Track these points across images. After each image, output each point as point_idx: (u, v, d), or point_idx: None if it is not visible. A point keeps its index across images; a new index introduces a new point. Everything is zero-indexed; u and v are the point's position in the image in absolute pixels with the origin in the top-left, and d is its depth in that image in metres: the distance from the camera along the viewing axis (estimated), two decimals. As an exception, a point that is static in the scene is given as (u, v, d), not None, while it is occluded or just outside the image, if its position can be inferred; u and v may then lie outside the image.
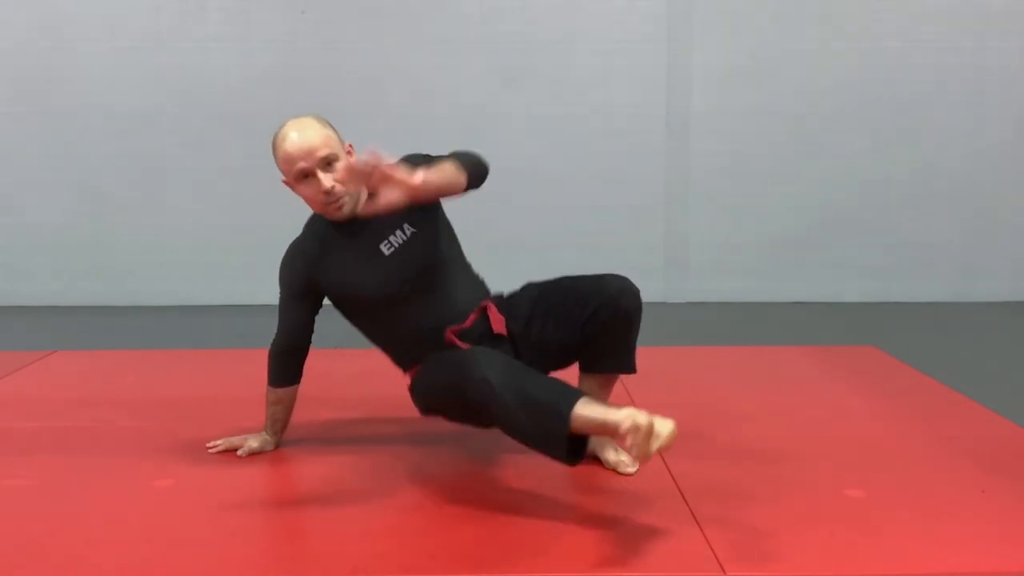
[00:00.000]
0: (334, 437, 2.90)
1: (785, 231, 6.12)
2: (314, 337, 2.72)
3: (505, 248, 5.90)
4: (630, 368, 2.63)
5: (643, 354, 3.99)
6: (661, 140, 6.08)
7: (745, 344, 4.36)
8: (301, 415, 3.08)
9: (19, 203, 6.10)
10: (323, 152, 2.47)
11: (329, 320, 2.74)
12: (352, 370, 3.57)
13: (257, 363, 3.79)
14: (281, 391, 2.73)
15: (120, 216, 6.10)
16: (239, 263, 6.02)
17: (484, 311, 2.62)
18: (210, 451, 2.76)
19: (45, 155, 6.08)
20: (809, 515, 2.29)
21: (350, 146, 2.57)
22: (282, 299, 2.70)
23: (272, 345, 2.72)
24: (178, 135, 6.02)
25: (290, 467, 2.66)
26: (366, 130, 5.97)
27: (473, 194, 2.45)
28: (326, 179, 2.48)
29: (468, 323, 2.58)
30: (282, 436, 2.81)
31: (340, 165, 2.48)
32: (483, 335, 2.58)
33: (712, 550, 2.10)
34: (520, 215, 6.00)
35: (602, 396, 2.61)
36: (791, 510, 2.32)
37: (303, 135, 2.48)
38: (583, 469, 2.60)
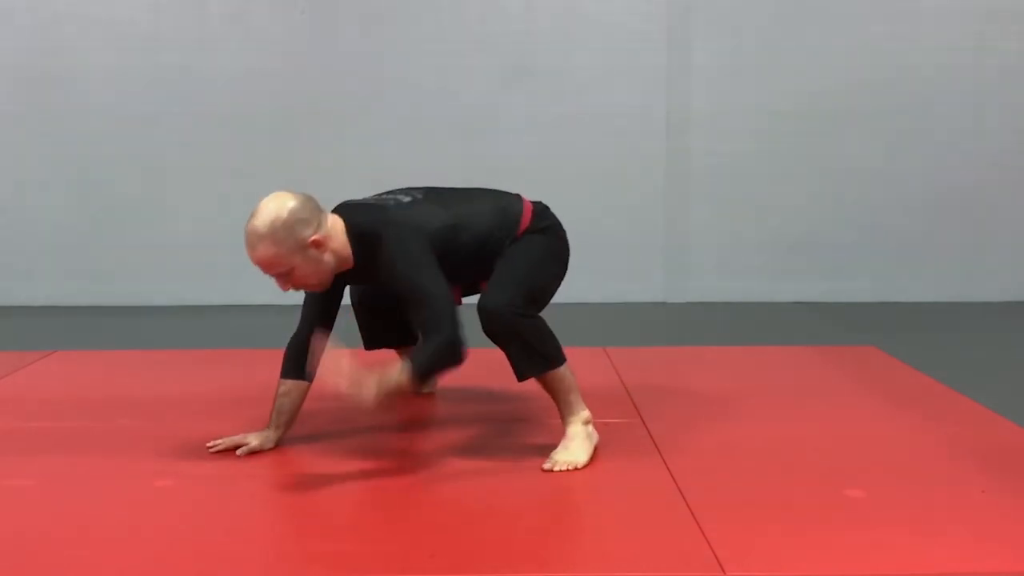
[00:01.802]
0: (334, 437, 2.90)
1: (785, 231, 6.11)
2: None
3: (505, 248, 5.91)
4: (518, 377, 2.71)
5: (643, 354, 4.01)
6: (661, 140, 6.08)
7: (745, 344, 4.36)
8: (301, 414, 3.08)
9: (19, 203, 6.09)
10: (270, 272, 2.55)
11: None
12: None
13: (257, 363, 3.80)
14: (290, 383, 2.78)
15: (120, 216, 6.10)
16: (239, 263, 5.94)
17: None
18: (210, 451, 2.77)
19: (45, 155, 6.07)
20: (809, 515, 2.29)
21: (313, 242, 2.52)
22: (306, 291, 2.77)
23: (291, 336, 2.80)
24: (178, 135, 6.01)
25: (290, 467, 2.66)
26: (366, 130, 6.02)
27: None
28: (283, 285, 2.59)
29: None
30: (285, 432, 2.81)
31: (296, 271, 2.54)
32: None
33: (712, 550, 2.10)
34: (520, 215, 5.98)
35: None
36: (791, 510, 2.32)
37: (251, 252, 2.53)
38: (583, 469, 2.61)
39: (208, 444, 2.79)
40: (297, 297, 2.83)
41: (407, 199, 2.71)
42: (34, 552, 2.14)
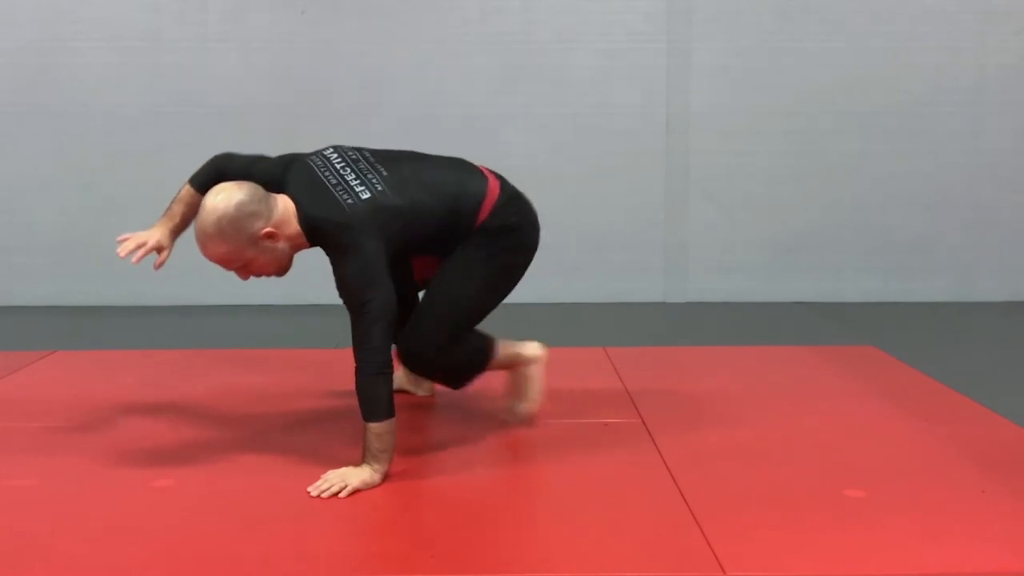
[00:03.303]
0: (334, 438, 2.90)
1: (785, 231, 6.11)
2: (314, 336, 2.72)
3: (505, 248, 5.90)
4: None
5: (643, 354, 4.01)
6: (661, 140, 6.08)
7: (745, 344, 4.36)
8: (301, 414, 3.09)
9: (19, 203, 6.09)
10: (226, 268, 2.56)
11: (329, 320, 2.74)
12: (352, 369, 3.56)
13: (257, 363, 3.81)
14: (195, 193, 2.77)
15: (120, 216, 6.09)
16: (239, 263, 6.01)
17: None
18: (120, 254, 2.90)
19: (45, 155, 6.07)
20: (809, 515, 2.29)
21: (266, 234, 2.49)
22: None
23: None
24: (178, 135, 6.01)
25: (290, 467, 2.66)
26: (366, 130, 6.01)
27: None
28: (242, 276, 2.61)
29: None
30: (174, 235, 2.89)
31: (252, 263, 2.54)
32: None
33: (712, 550, 2.10)
34: (520, 215, 5.99)
35: None
36: (791, 510, 2.32)
37: (203, 251, 2.52)
38: (583, 469, 2.61)
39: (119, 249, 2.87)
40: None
41: (365, 193, 2.54)
42: (34, 552, 2.14)
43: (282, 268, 2.61)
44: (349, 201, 2.52)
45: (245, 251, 2.50)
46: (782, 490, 2.45)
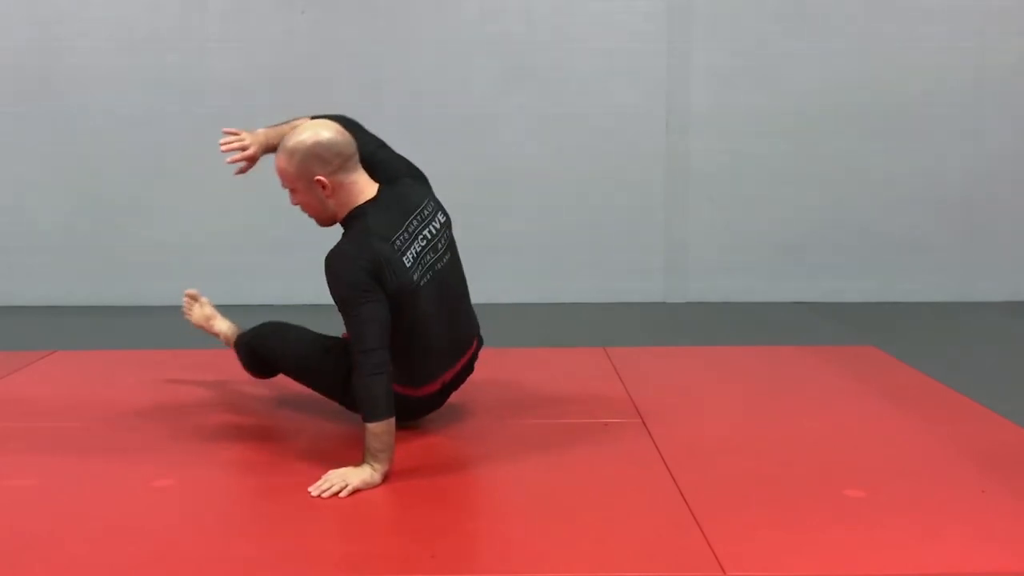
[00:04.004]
0: (334, 437, 2.90)
1: (785, 231, 6.12)
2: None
3: (505, 248, 5.91)
4: None
5: (643, 354, 4.00)
6: (661, 140, 6.08)
7: (745, 344, 4.36)
8: (301, 414, 3.08)
9: (19, 203, 6.09)
10: (282, 183, 2.64)
11: (329, 320, 2.74)
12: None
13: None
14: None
15: (120, 216, 6.10)
16: (239, 263, 6.01)
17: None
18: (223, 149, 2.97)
19: (45, 155, 6.07)
20: (809, 515, 2.29)
21: (318, 181, 2.57)
22: None
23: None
24: (178, 135, 6.01)
25: (290, 467, 2.66)
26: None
27: (472, 195, 2.47)
28: (291, 199, 2.67)
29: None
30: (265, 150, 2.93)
31: (299, 194, 2.63)
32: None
33: (712, 550, 2.10)
34: (520, 215, 5.99)
35: None
36: (791, 510, 2.32)
37: (277, 156, 2.65)
38: (583, 469, 2.61)
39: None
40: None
41: (409, 272, 2.57)
42: (34, 552, 2.14)
43: (320, 218, 2.67)
44: (396, 251, 2.57)
45: (297, 180, 2.59)
46: (782, 490, 2.45)
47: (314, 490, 2.43)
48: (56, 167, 6.07)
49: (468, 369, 2.92)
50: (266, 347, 2.96)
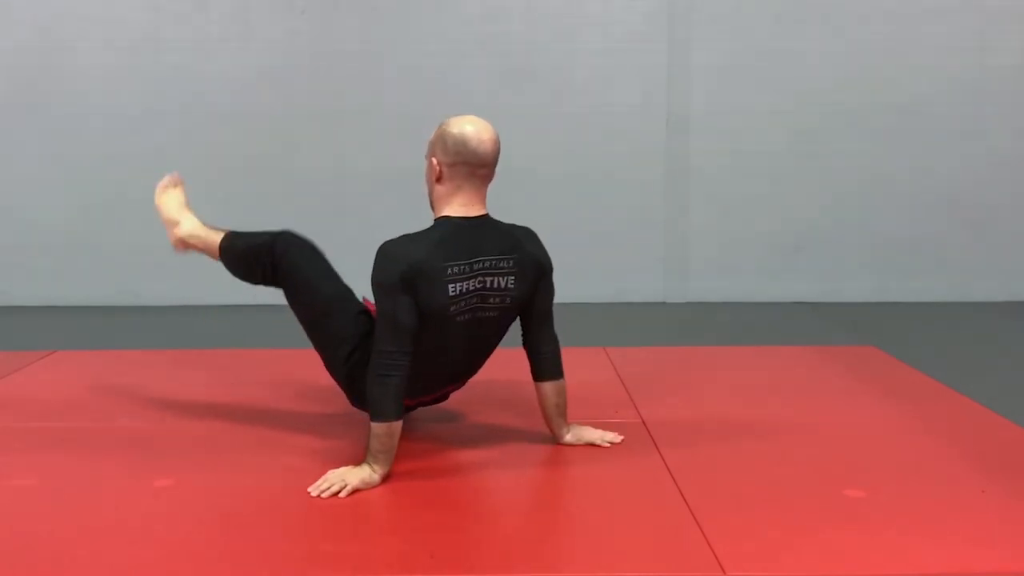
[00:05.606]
0: (334, 437, 2.90)
1: (785, 231, 6.12)
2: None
3: (505, 248, 5.90)
4: None
5: (643, 354, 4.00)
6: (661, 140, 6.08)
7: (745, 344, 4.36)
8: (301, 414, 3.08)
9: (19, 203, 6.10)
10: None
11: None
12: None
13: (256, 363, 3.80)
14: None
15: (120, 216, 6.10)
16: (239, 263, 6.01)
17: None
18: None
19: (45, 155, 6.08)
20: (809, 515, 2.29)
21: (431, 160, 2.67)
22: None
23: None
24: (178, 135, 6.02)
25: (289, 466, 2.66)
26: (366, 130, 6.01)
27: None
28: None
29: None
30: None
31: (427, 164, 2.72)
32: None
33: (712, 550, 2.10)
34: (520, 215, 5.95)
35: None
36: (791, 510, 2.32)
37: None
38: (582, 469, 2.61)
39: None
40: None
41: (455, 276, 2.58)
42: (35, 552, 2.14)
43: (429, 188, 2.72)
44: (445, 273, 2.54)
45: (427, 149, 2.69)
46: (782, 490, 2.44)
47: (313, 490, 2.43)
48: (56, 167, 6.08)
49: (443, 399, 2.94)
50: (288, 260, 2.91)
